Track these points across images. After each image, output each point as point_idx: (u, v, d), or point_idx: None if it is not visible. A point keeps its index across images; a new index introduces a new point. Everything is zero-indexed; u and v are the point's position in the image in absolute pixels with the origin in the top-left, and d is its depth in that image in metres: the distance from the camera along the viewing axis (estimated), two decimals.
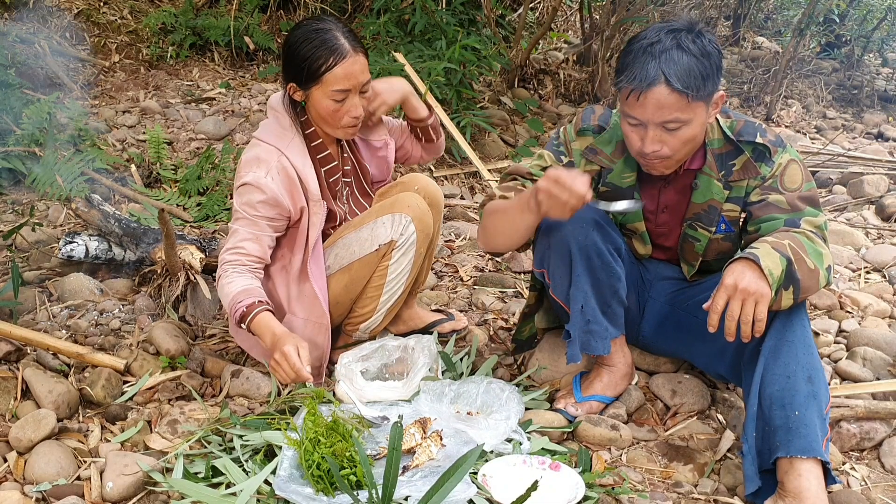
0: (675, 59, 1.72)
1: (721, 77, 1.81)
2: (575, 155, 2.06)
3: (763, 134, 1.91)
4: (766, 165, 1.90)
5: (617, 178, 2.03)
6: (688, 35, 1.75)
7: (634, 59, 1.75)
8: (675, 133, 1.79)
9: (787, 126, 5.19)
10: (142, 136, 4.04)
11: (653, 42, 1.75)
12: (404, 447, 1.83)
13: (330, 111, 2.08)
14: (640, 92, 1.74)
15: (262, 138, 2.14)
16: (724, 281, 1.72)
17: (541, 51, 5.57)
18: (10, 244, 2.95)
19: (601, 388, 2.13)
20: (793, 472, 1.72)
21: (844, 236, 3.41)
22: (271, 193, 2.07)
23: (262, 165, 2.08)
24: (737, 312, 1.71)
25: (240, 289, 2.06)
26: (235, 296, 2.05)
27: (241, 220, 2.10)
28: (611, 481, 1.87)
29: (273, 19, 5.28)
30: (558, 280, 2.03)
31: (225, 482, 1.76)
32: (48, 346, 2.19)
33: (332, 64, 2.02)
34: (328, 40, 2.03)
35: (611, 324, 2.05)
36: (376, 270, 2.19)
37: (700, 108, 1.78)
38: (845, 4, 5.70)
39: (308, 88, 2.07)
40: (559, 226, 1.98)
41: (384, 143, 2.39)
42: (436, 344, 2.27)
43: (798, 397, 1.75)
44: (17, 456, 1.86)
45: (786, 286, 1.73)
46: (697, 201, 1.98)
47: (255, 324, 2.02)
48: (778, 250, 1.74)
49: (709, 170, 1.94)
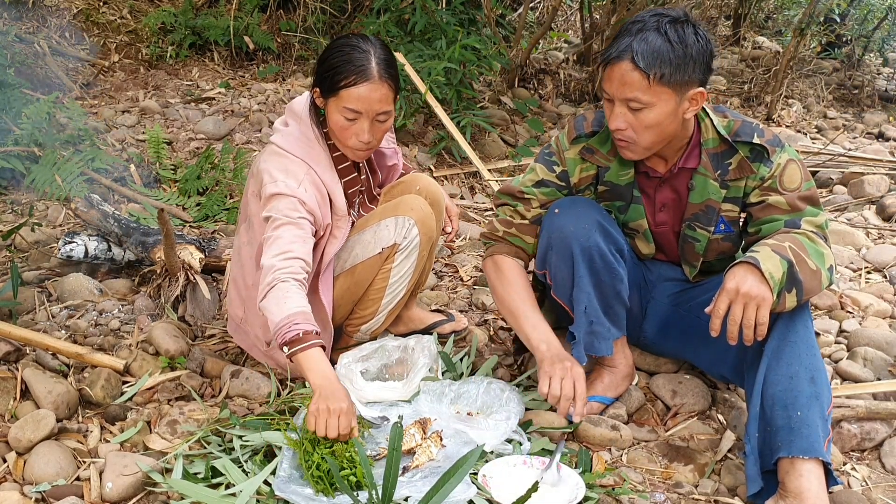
0: (649, 39, 1.75)
1: (703, 73, 1.80)
2: (568, 164, 2.06)
3: (760, 134, 1.90)
4: (764, 166, 1.89)
5: (614, 177, 2.03)
6: (673, 22, 1.76)
7: (618, 35, 1.81)
8: (637, 115, 1.80)
9: (788, 126, 5.19)
10: (141, 136, 4.03)
11: (636, 21, 1.79)
12: (404, 448, 1.82)
13: (338, 126, 2.03)
14: (607, 64, 1.79)
15: (288, 150, 2.07)
16: (726, 285, 1.72)
17: (541, 51, 5.57)
18: (9, 244, 2.94)
19: (602, 389, 2.13)
20: (794, 472, 1.72)
21: (845, 236, 3.40)
22: (309, 205, 2.01)
23: (291, 177, 2.02)
24: (739, 316, 1.70)
25: (297, 309, 1.84)
26: (292, 315, 1.82)
27: (284, 225, 1.96)
28: (611, 482, 1.87)
29: (273, 19, 5.28)
30: (560, 281, 2.03)
31: (224, 483, 1.76)
32: (47, 346, 2.19)
33: (351, 82, 1.97)
34: (358, 59, 1.98)
35: (613, 325, 2.05)
36: (379, 273, 2.19)
37: (666, 95, 1.77)
38: (846, 4, 5.69)
39: (327, 98, 2.04)
40: (561, 227, 1.98)
41: (393, 150, 2.38)
42: (436, 344, 2.27)
43: (801, 398, 1.75)
44: (16, 456, 1.86)
45: (788, 288, 1.73)
46: (695, 201, 1.98)
47: (305, 356, 1.80)
48: (779, 253, 1.73)
49: (704, 170, 1.94)
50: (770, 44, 7.17)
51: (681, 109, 1.81)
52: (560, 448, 1.87)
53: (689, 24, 1.77)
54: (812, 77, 6.19)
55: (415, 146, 4.20)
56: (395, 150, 2.40)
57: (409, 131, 4.27)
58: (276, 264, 1.90)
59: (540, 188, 2.08)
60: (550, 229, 2.01)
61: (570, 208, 2.01)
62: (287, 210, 1.98)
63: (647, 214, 2.07)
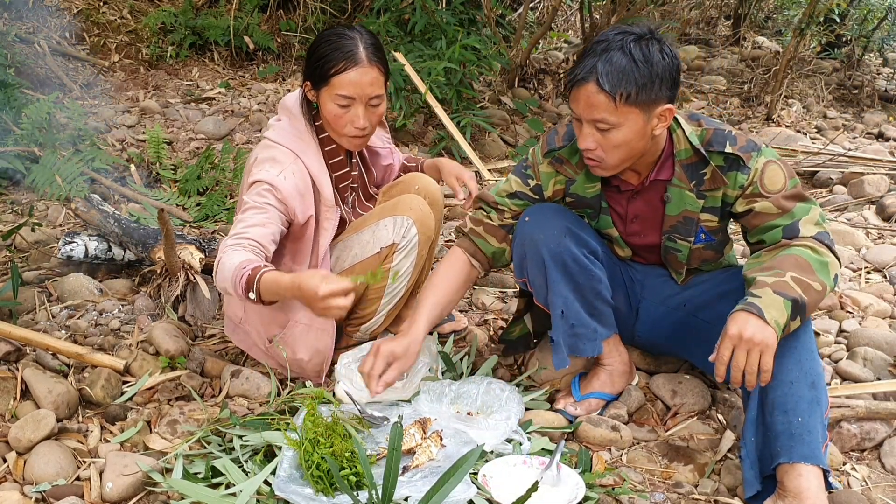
0: (614, 60, 1.73)
1: (670, 89, 1.77)
2: (542, 178, 2.08)
3: (733, 142, 1.86)
4: (741, 174, 1.85)
5: (580, 189, 2.03)
6: (637, 40, 1.74)
7: (584, 54, 1.79)
8: (606, 135, 1.79)
9: (788, 126, 5.18)
10: (141, 135, 4.03)
11: (601, 41, 1.77)
12: (404, 447, 1.82)
13: (333, 116, 2.06)
14: (573, 86, 1.78)
15: (279, 141, 2.10)
16: (729, 331, 1.70)
17: (541, 50, 5.57)
18: (9, 244, 2.94)
19: (598, 386, 2.13)
20: (793, 473, 1.72)
21: (845, 236, 3.40)
22: (283, 192, 2.02)
23: (276, 165, 2.05)
24: (742, 363, 1.69)
25: (239, 261, 1.86)
26: (236, 268, 1.84)
27: (249, 209, 1.99)
28: (611, 482, 1.87)
29: (273, 19, 5.28)
30: (538, 288, 2.05)
31: (225, 483, 1.76)
32: (48, 346, 2.19)
33: (341, 68, 2.00)
34: (346, 45, 2.02)
35: (600, 324, 2.05)
36: (379, 272, 2.19)
37: (633, 115, 1.76)
38: (846, 4, 5.69)
39: (319, 89, 2.07)
40: (531, 235, 2.00)
41: (389, 151, 2.39)
42: (436, 344, 2.27)
43: (801, 403, 1.74)
44: (16, 456, 1.86)
45: (793, 318, 1.72)
46: (671, 213, 1.97)
47: (265, 281, 1.80)
48: (781, 293, 1.70)
49: (678, 181, 1.92)
50: (770, 44, 7.17)
51: (649, 127, 1.80)
52: (560, 448, 1.87)
53: (654, 41, 1.74)
54: (812, 77, 6.19)
55: (415, 146, 4.20)
56: (390, 151, 2.40)
57: (409, 131, 4.27)
58: (227, 243, 1.93)
59: (513, 199, 2.11)
60: (522, 237, 2.03)
61: (539, 215, 2.03)
62: (256, 196, 2.01)
63: (618, 225, 2.08)
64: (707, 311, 2.04)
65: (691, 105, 5.51)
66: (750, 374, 1.69)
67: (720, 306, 1.95)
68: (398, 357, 1.97)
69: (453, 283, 2.13)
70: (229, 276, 1.85)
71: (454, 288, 2.14)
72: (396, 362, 1.97)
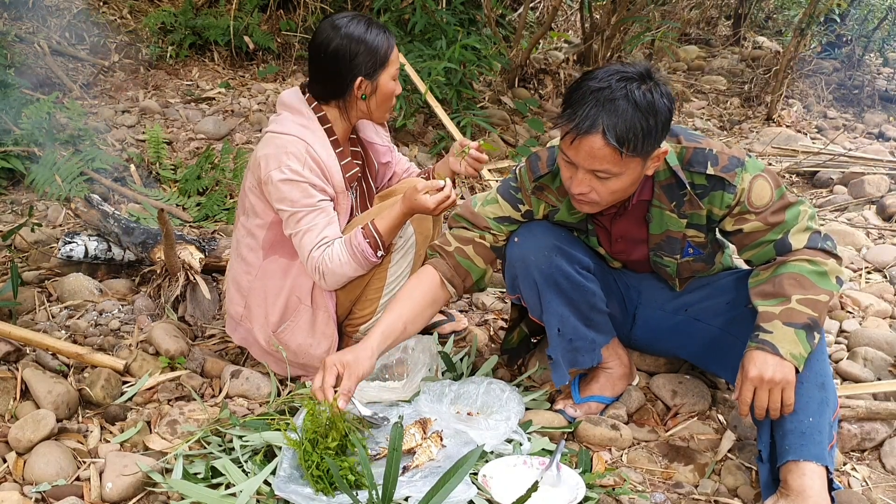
0: (619, 111, 1.63)
1: (665, 132, 1.73)
2: (533, 203, 2.01)
3: (714, 162, 1.80)
4: (727, 193, 1.81)
5: (565, 216, 2.00)
6: (640, 86, 1.66)
7: (580, 99, 1.68)
8: (604, 182, 1.73)
9: (788, 126, 5.18)
10: (141, 135, 4.03)
11: (602, 87, 1.66)
12: (404, 447, 1.82)
13: (391, 91, 2.14)
14: (576, 136, 1.67)
15: (284, 131, 2.08)
16: (749, 374, 1.71)
17: (541, 50, 5.57)
18: (9, 244, 2.94)
19: (598, 389, 2.13)
20: (797, 471, 1.72)
21: (845, 236, 3.40)
22: (318, 182, 2.05)
23: (292, 158, 2.03)
24: (765, 402, 1.72)
25: (346, 245, 2.05)
26: (349, 249, 2.04)
27: (306, 216, 2.03)
28: (611, 482, 1.87)
29: (273, 19, 5.27)
30: (532, 306, 2.05)
31: (224, 483, 1.76)
32: (47, 346, 2.19)
33: (392, 43, 2.11)
34: (377, 29, 2.09)
35: (598, 333, 2.06)
36: (376, 273, 2.19)
37: (634, 164, 1.71)
38: (846, 4, 5.68)
39: (378, 75, 2.10)
40: (522, 256, 1.98)
41: (388, 148, 2.38)
42: (436, 344, 2.27)
43: (812, 404, 1.74)
44: (16, 456, 1.86)
45: (810, 339, 1.73)
46: (655, 232, 1.95)
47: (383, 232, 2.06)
48: (792, 324, 1.71)
49: (658, 202, 1.89)
50: (770, 44, 7.16)
51: (644, 169, 1.76)
52: (560, 448, 1.87)
53: (655, 85, 1.68)
54: (812, 77, 6.19)
55: (415, 146, 4.20)
56: (389, 148, 2.40)
57: (409, 131, 4.27)
58: (314, 254, 2.04)
59: (505, 224, 2.04)
60: (513, 259, 2.01)
61: (528, 235, 2.00)
62: (302, 199, 2.02)
63: (604, 244, 2.07)
64: (717, 317, 2.03)
65: (691, 105, 5.51)
66: (774, 411, 1.73)
67: (731, 312, 1.96)
68: (348, 364, 1.79)
69: (420, 303, 1.98)
70: (348, 259, 2.04)
71: (421, 307, 1.98)
72: (348, 370, 1.78)
